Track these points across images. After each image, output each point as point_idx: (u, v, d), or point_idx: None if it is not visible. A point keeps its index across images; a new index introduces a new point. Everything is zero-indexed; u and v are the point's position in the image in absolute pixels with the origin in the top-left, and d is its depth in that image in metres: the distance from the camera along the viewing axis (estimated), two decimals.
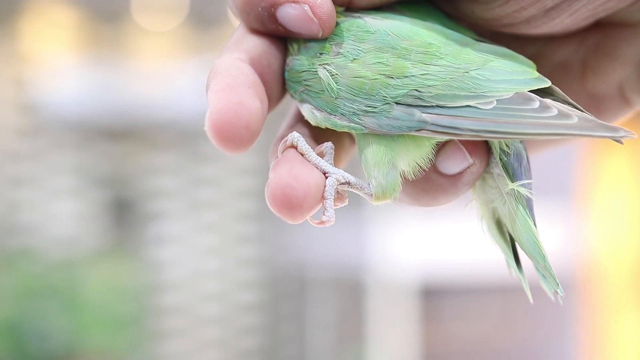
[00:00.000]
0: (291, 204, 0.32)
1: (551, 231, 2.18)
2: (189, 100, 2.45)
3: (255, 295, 2.58)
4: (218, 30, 2.51)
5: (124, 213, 2.48)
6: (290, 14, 0.34)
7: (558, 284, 0.35)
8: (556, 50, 0.39)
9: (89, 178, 2.45)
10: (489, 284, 2.24)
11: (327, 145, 0.35)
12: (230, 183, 2.56)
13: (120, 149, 2.48)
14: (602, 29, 0.38)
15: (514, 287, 2.46)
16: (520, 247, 0.36)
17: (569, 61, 0.39)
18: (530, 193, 0.35)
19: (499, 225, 0.37)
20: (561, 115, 0.33)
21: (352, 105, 0.34)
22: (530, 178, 0.35)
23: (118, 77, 2.44)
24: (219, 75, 0.33)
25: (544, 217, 2.19)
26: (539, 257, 0.35)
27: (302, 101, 0.36)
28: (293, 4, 0.34)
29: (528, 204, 0.35)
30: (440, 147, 0.35)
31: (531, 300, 0.36)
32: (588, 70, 0.39)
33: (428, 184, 0.35)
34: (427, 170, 0.35)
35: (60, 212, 2.43)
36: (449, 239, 2.19)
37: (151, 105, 2.45)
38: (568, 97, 0.34)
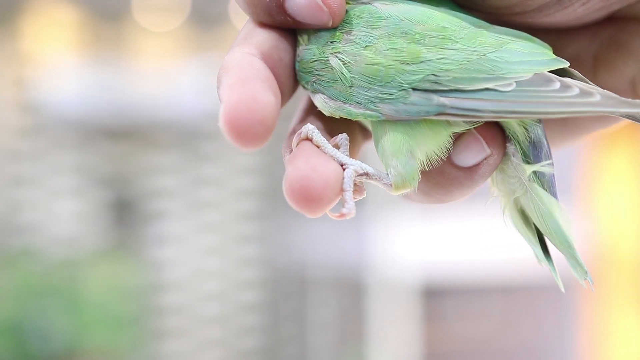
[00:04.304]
0: (311, 196, 0.31)
1: None
2: (190, 100, 2.45)
3: (256, 295, 2.58)
4: (219, 30, 2.50)
5: (124, 213, 2.48)
6: (299, 4, 0.34)
7: (586, 272, 0.34)
8: (568, 44, 0.39)
9: (90, 178, 2.44)
10: (491, 283, 2.23)
11: (342, 137, 0.34)
12: (230, 183, 2.56)
13: (122, 149, 2.47)
14: (616, 23, 0.38)
15: (516, 287, 2.45)
16: (546, 236, 0.35)
17: (581, 55, 0.39)
18: (552, 168, 0.34)
19: (524, 216, 0.36)
20: (583, 93, 0.32)
21: (367, 93, 0.33)
22: (549, 159, 0.34)
23: (119, 76, 2.44)
24: (230, 70, 0.32)
25: None
26: (564, 245, 0.34)
27: (315, 91, 0.35)
28: None
29: (550, 184, 0.34)
30: (457, 139, 0.34)
31: (563, 290, 0.35)
32: (600, 64, 0.39)
33: (443, 178, 0.34)
34: (442, 162, 0.34)
35: (61, 212, 2.42)
36: (450, 239, 2.18)
37: (152, 105, 2.44)
38: (586, 78, 0.34)
